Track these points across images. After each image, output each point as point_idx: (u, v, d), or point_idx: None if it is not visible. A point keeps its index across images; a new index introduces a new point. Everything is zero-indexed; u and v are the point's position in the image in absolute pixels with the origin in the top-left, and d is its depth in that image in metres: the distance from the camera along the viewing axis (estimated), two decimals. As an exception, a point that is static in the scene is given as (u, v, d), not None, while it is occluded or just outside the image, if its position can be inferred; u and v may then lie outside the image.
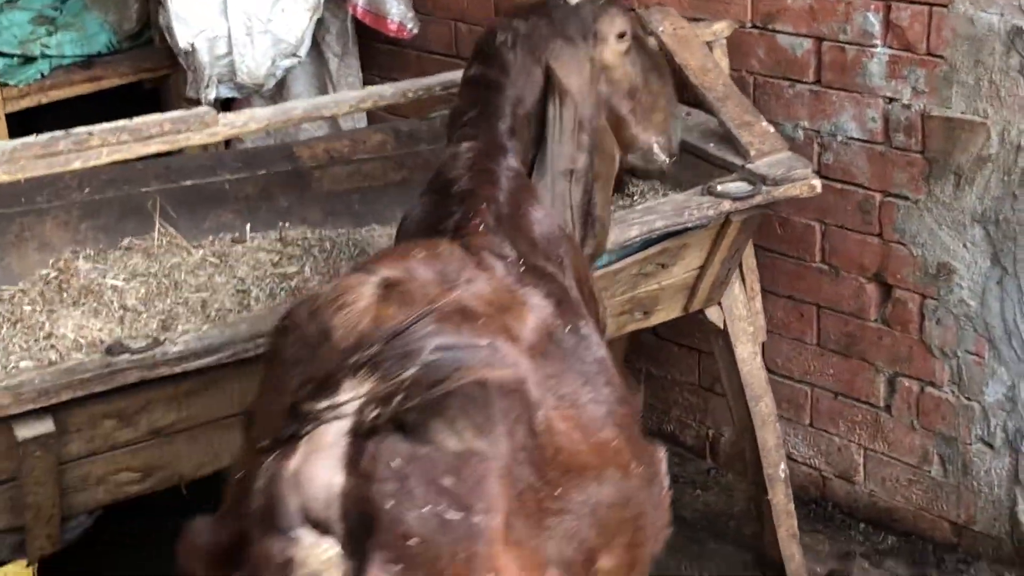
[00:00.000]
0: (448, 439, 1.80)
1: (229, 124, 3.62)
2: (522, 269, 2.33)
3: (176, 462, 3.44)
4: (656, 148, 3.17)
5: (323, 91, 5.45)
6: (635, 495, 2.17)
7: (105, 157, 3.49)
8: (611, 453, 2.15)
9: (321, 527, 1.73)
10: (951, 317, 4.03)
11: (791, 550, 4.20)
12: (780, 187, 3.70)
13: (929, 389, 4.15)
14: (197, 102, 5.00)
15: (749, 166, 3.75)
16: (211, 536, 1.93)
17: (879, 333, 4.23)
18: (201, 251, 3.92)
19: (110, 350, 3.15)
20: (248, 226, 4.03)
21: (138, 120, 3.55)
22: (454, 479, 1.81)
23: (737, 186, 3.68)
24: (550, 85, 2.74)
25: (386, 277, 2.03)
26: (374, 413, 1.73)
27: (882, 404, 4.29)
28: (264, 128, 3.66)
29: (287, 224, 4.07)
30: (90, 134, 3.47)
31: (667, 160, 3.24)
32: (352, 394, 1.71)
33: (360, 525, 1.74)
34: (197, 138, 3.56)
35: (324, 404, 1.71)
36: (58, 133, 3.48)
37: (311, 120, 3.72)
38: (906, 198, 4.04)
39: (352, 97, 3.75)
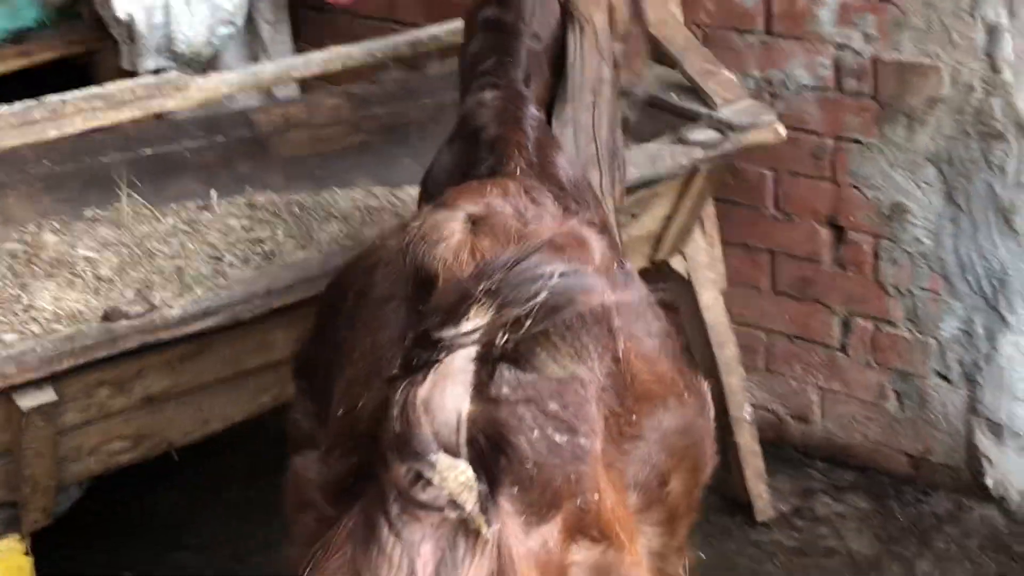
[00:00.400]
0: (551, 365, 1.86)
1: (201, 88, 3.60)
2: (562, 210, 2.38)
3: (166, 429, 3.44)
4: (632, 96, 3.22)
5: (255, 60, 5.42)
6: (693, 422, 2.26)
7: (80, 124, 3.46)
8: (669, 383, 2.23)
9: (450, 452, 1.77)
10: (905, 256, 4.16)
11: (758, 490, 4.31)
12: (747, 133, 3.78)
13: (884, 327, 4.28)
14: (133, 74, 4.96)
15: (716, 114, 3.83)
16: (324, 471, 1.96)
17: (833, 275, 4.35)
18: (171, 219, 3.90)
19: (108, 316, 3.14)
20: (214, 193, 4.01)
21: (111, 86, 3.53)
22: (559, 404, 1.87)
23: (706, 134, 3.76)
24: (569, 17, 2.78)
25: (471, 213, 2.08)
26: (504, 338, 1.77)
27: (837, 344, 4.41)
28: (235, 90, 3.66)
29: (255, 189, 4.07)
30: (64, 102, 3.45)
31: (635, 110, 3.28)
32: (479, 321, 1.75)
33: (485, 450, 1.79)
34: (171, 103, 3.55)
35: (452, 332, 1.74)
36: (31, 102, 3.44)
37: (281, 82, 3.72)
38: (859, 142, 4.15)
39: (320, 58, 3.77)
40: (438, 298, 1.79)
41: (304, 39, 5.51)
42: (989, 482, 4.16)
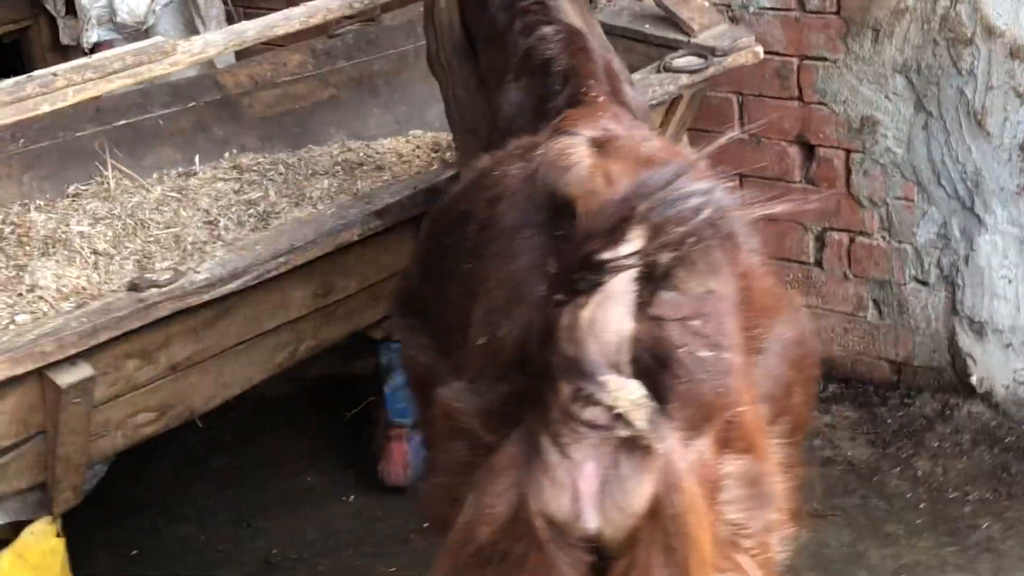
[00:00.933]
0: (690, 282, 1.88)
1: (187, 52, 3.55)
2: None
3: (189, 397, 3.42)
4: None
5: (189, 26, 5.33)
6: (804, 334, 2.30)
7: (72, 98, 3.38)
8: (777, 297, 2.27)
9: (614, 371, 1.79)
10: (877, 167, 4.25)
11: (751, 408, 4.38)
12: (728, 57, 3.83)
13: (859, 239, 4.37)
14: (76, 48, 4.88)
15: (695, 40, 3.87)
16: (475, 399, 1.96)
17: (805, 193, 4.42)
18: (159, 188, 3.86)
19: (135, 286, 3.10)
20: (197, 158, 3.98)
21: (98, 56, 3.46)
22: (704, 320, 1.90)
23: (688, 60, 3.80)
24: None
25: (592, 137, 2.10)
26: (669, 257, 1.79)
27: (812, 260, 4.50)
28: (221, 52, 3.61)
29: (235, 151, 4.04)
30: (55, 75, 3.36)
31: None
32: (640, 242, 1.76)
33: (650, 368, 1.81)
34: (159, 68, 3.48)
35: (614, 254, 1.76)
36: (21, 77, 3.36)
37: (264, 39, 3.67)
38: (824, 59, 4.23)
39: (301, 12, 3.72)
40: (594, 221, 1.79)
41: (234, 3, 5.45)
42: (974, 379, 4.28)
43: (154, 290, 3.07)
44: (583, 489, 1.85)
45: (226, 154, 4.06)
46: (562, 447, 1.83)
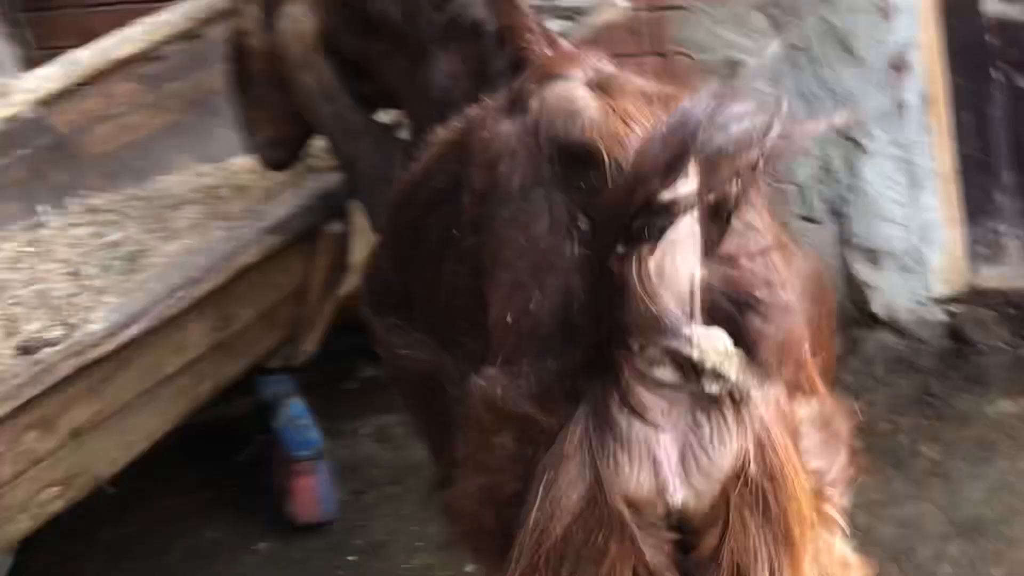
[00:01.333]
0: (743, 217, 1.72)
1: (24, 90, 3.24)
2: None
3: (94, 463, 3.14)
4: None
5: (-17, 77, 4.96)
6: (816, 266, 2.15)
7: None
8: (784, 231, 2.12)
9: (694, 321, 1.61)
10: (748, 109, 4.14)
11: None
12: (595, 15, 3.67)
13: (738, 187, 4.26)
14: None
15: (555, 3, 3.69)
16: (522, 383, 1.73)
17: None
18: (8, 245, 3.51)
19: (27, 350, 2.79)
20: (48, 209, 3.64)
21: (-72, 108, 3.13)
22: (754, 257, 1.74)
23: (558, 24, 3.61)
24: None
25: (586, 78, 1.92)
26: (736, 187, 1.61)
27: (692, 215, 4.37)
28: (61, 85, 3.31)
29: (82, 193, 3.72)
30: None
31: None
32: (701, 176, 1.57)
33: (728, 313, 1.64)
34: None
35: (674, 194, 1.56)
36: None
37: (102, 66, 3.37)
38: (678, 7, 4.11)
39: (140, 31, 3.44)
40: (643, 161, 1.59)
41: (35, 43, 5.08)
42: (876, 308, 4.22)
43: (48, 349, 2.76)
44: (663, 459, 1.66)
45: (71, 198, 3.72)
46: (638, 414, 1.64)
